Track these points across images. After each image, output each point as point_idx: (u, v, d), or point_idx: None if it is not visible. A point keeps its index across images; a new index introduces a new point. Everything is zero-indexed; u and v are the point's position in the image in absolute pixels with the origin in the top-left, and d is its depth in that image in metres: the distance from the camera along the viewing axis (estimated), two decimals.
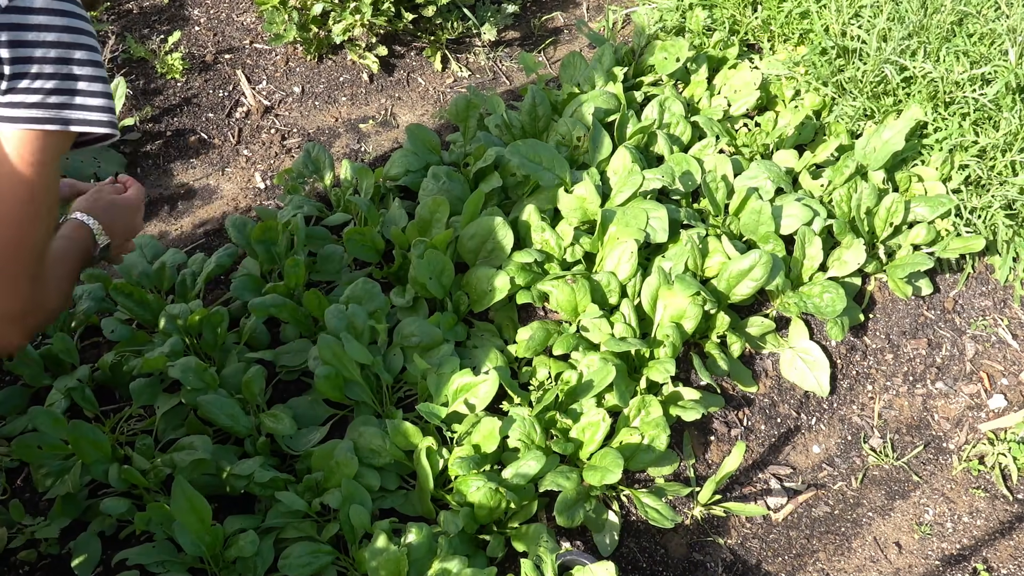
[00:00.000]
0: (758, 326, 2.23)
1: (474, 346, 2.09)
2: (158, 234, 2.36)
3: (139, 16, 2.89)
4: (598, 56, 2.67)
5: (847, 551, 2.01)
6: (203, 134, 2.61)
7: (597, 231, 2.18)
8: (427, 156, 2.40)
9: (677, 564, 1.92)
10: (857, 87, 2.55)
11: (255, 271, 2.16)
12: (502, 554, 1.78)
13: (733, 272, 2.12)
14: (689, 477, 2.06)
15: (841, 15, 2.61)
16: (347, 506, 1.70)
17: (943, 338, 2.40)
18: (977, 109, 2.43)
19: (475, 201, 2.17)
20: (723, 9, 2.86)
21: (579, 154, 2.41)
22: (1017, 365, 2.38)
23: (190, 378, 1.85)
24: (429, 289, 2.07)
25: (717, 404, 2.13)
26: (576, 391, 1.94)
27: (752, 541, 2.00)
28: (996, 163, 2.42)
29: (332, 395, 1.90)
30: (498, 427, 1.83)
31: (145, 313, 2.03)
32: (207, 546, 1.64)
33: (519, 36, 3.07)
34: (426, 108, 2.78)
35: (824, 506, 2.08)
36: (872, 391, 2.29)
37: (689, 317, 2.07)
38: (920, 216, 2.38)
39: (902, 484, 2.14)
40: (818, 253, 2.23)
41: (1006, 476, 2.17)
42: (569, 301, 2.07)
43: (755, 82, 2.65)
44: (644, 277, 2.15)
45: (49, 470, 1.78)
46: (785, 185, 2.41)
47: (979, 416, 2.28)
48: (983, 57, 2.46)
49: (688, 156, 2.40)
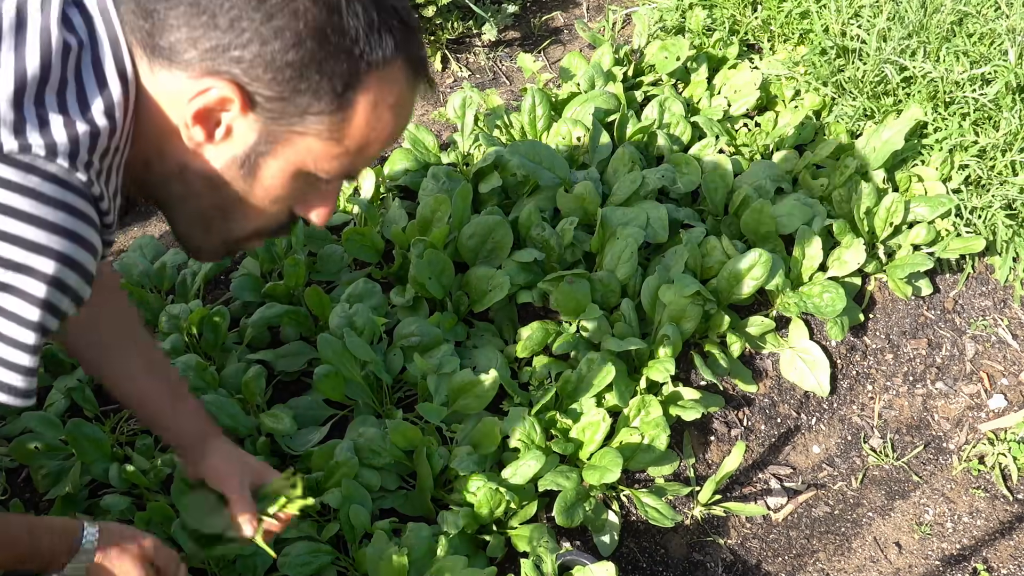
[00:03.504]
0: (758, 326, 2.23)
1: (474, 346, 2.09)
2: (158, 234, 2.36)
3: None
4: (598, 56, 2.67)
5: (847, 551, 2.01)
6: None
7: (597, 231, 2.18)
8: (427, 156, 2.40)
9: (677, 564, 1.92)
10: (857, 87, 2.55)
11: (255, 271, 2.16)
12: (502, 554, 1.78)
13: (733, 272, 2.12)
14: (689, 477, 2.06)
15: (841, 15, 2.61)
16: (347, 506, 1.70)
17: (943, 338, 2.40)
18: (977, 109, 2.43)
19: (463, 195, 2.16)
20: (723, 9, 2.86)
21: (579, 154, 2.41)
22: (1017, 365, 2.38)
23: (190, 377, 1.85)
24: (429, 289, 2.07)
25: (717, 404, 2.13)
26: (576, 391, 1.94)
27: (752, 541, 2.00)
28: (996, 163, 2.42)
29: (332, 395, 1.90)
30: (498, 427, 1.83)
31: (145, 313, 2.03)
32: None
33: (519, 36, 3.07)
34: (426, 108, 2.78)
35: (824, 506, 2.08)
36: (872, 391, 2.29)
37: (689, 317, 2.07)
38: (920, 216, 2.38)
39: (902, 484, 2.14)
40: (818, 253, 2.23)
41: (1006, 476, 2.17)
42: (569, 301, 2.07)
43: (755, 82, 2.65)
44: (644, 277, 2.15)
45: (49, 470, 1.78)
46: (785, 185, 2.41)
47: (979, 416, 2.28)
48: (983, 57, 2.46)
49: (688, 156, 2.41)
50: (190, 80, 0.92)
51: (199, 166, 0.99)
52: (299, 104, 0.93)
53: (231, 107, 0.93)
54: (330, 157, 0.99)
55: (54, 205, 0.87)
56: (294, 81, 0.92)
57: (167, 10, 0.90)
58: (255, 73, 0.91)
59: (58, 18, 0.90)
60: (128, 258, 2.13)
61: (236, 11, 0.89)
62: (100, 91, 0.91)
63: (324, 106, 0.94)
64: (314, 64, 0.91)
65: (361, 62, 0.93)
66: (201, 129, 0.95)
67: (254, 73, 0.91)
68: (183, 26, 0.90)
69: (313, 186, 1.04)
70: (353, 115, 0.95)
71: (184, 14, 0.90)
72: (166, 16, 0.90)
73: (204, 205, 1.04)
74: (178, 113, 0.95)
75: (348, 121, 0.96)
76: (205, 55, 0.91)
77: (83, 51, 0.91)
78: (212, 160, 0.99)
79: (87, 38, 0.92)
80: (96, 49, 0.92)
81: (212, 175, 1.00)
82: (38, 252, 0.87)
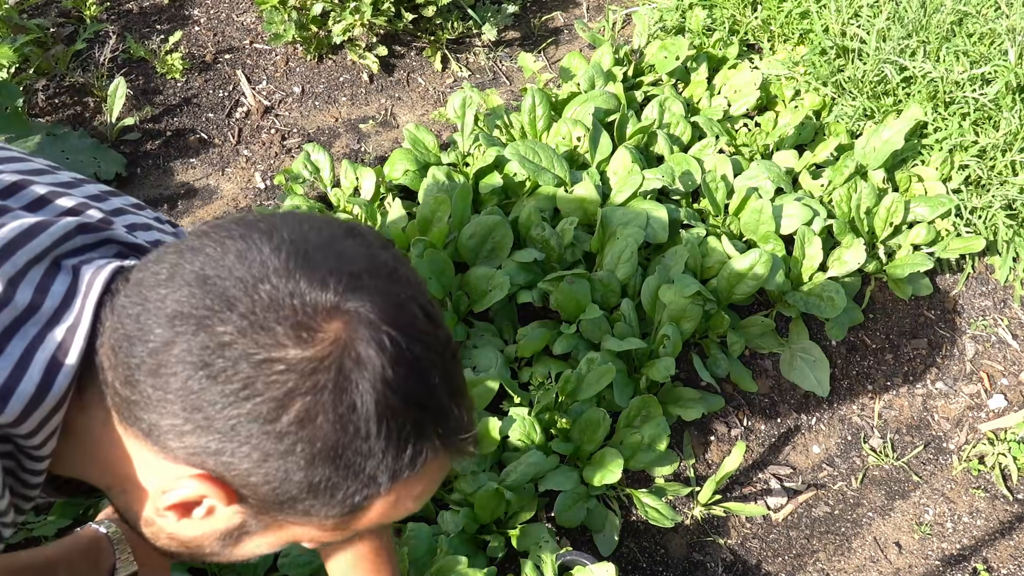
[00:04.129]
0: (758, 326, 2.23)
1: (474, 346, 2.09)
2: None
3: (139, 16, 2.89)
4: (598, 56, 2.67)
5: (847, 551, 2.01)
6: (203, 134, 2.61)
7: (597, 231, 2.18)
8: (427, 156, 2.40)
9: (677, 564, 1.92)
10: (857, 87, 2.55)
11: None
12: (502, 554, 1.78)
13: (733, 272, 2.12)
14: (689, 477, 2.06)
15: (841, 15, 2.61)
16: None
17: (943, 338, 2.40)
18: (977, 109, 2.43)
19: (463, 195, 2.16)
20: (723, 9, 2.86)
21: (579, 154, 2.41)
22: (1017, 365, 2.38)
23: None
24: (429, 289, 2.06)
25: (717, 404, 2.13)
26: (576, 391, 1.94)
27: (752, 541, 2.00)
28: (996, 163, 2.42)
29: None
30: (498, 427, 1.83)
31: None
32: None
33: (519, 36, 3.07)
34: (426, 108, 2.78)
35: (824, 506, 2.08)
36: (872, 391, 2.29)
37: (689, 317, 2.07)
38: (920, 216, 2.38)
39: (902, 484, 2.14)
40: (818, 253, 2.23)
41: (1006, 476, 2.17)
42: (569, 301, 2.07)
43: (755, 82, 2.65)
44: (644, 277, 2.15)
45: None
46: (785, 185, 2.41)
47: (979, 416, 2.28)
48: (983, 57, 2.46)
49: (688, 156, 2.40)
50: (168, 464, 0.78)
51: (173, 529, 0.86)
52: (299, 510, 0.79)
53: (214, 498, 0.78)
54: (331, 537, 0.86)
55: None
56: (298, 497, 0.77)
57: (154, 390, 0.75)
58: (249, 483, 0.76)
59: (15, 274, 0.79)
60: None
61: (237, 420, 0.73)
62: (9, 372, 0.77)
63: (334, 513, 0.79)
64: (328, 490, 0.76)
65: (383, 477, 0.77)
66: (176, 514, 0.80)
67: (248, 482, 0.76)
68: (169, 415, 0.75)
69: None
70: (367, 513, 0.81)
71: (173, 404, 0.74)
72: (151, 396, 0.75)
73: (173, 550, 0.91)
74: (149, 484, 0.82)
75: (360, 518, 0.82)
76: (192, 451, 0.76)
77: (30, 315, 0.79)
78: (186, 529, 0.85)
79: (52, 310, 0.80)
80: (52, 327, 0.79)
81: (187, 539, 0.87)
82: None
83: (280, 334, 0.72)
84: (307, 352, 0.72)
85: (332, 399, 0.72)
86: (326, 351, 0.73)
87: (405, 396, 0.74)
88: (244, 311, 0.73)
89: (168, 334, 0.74)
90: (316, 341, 0.73)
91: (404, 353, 0.75)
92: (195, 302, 0.73)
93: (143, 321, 0.75)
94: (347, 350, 0.73)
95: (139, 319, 0.76)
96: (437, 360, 0.77)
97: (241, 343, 0.72)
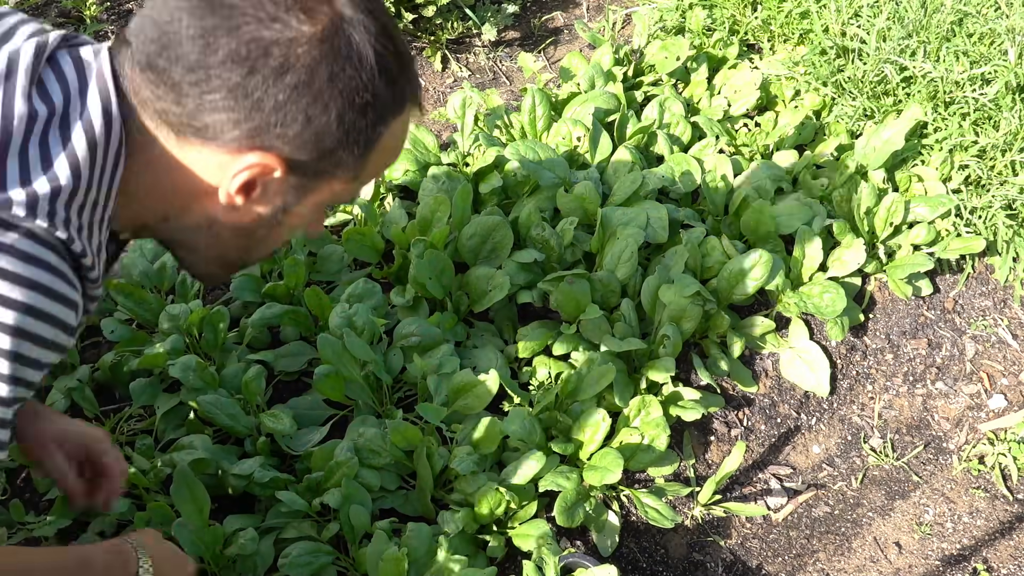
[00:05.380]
0: (758, 326, 2.23)
1: (474, 346, 2.09)
2: None
3: None
4: (598, 56, 2.67)
5: (847, 551, 2.01)
6: None
7: (597, 231, 2.18)
8: (427, 156, 2.40)
9: (677, 564, 1.92)
10: (857, 87, 2.55)
11: (255, 271, 2.16)
12: (502, 554, 1.78)
13: (733, 272, 2.12)
14: (689, 477, 2.06)
15: (841, 15, 2.61)
16: (347, 506, 1.70)
17: (943, 338, 2.40)
18: (977, 109, 2.43)
19: (463, 195, 2.16)
20: (723, 9, 2.86)
21: (579, 154, 2.41)
22: (1017, 365, 2.38)
23: (190, 377, 1.85)
24: (429, 289, 2.07)
25: (717, 404, 2.13)
26: (576, 391, 1.94)
27: (752, 541, 2.00)
28: (996, 163, 2.42)
29: (332, 395, 1.90)
30: (498, 427, 1.83)
31: (145, 313, 2.03)
32: (207, 545, 1.64)
33: (519, 36, 3.07)
34: (426, 108, 2.78)
35: (824, 506, 2.08)
36: (872, 391, 2.29)
37: (689, 317, 2.07)
38: (920, 216, 2.38)
39: (902, 484, 2.14)
40: (818, 253, 2.23)
41: (1006, 476, 2.17)
42: (569, 301, 2.07)
43: (755, 82, 2.65)
44: (644, 277, 2.15)
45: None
46: (785, 185, 2.41)
47: (979, 416, 2.28)
48: (983, 57, 2.46)
49: (688, 156, 2.40)
50: (230, 155, 0.97)
51: (231, 220, 1.06)
52: (334, 160, 1.01)
53: (273, 174, 0.99)
54: (347, 191, 1.08)
55: (27, 260, 0.88)
56: (335, 146, 0.99)
57: (202, 94, 0.92)
58: (299, 144, 0.96)
59: (24, 90, 0.91)
60: (128, 258, 2.13)
61: (283, 94, 0.92)
62: (65, 152, 0.92)
63: (355, 156, 1.02)
64: (354, 131, 0.98)
65: (388, 114, 1.01)
66: (242, 196, 1.01)
67: (298, 145, 0.96)
68: (223, 110, 0.93)
69: (321, 212, 1.14)
70: (373, 155, 1.04)
71: (225, 98, 0.92)
72: (201, 99, 0.92)
73: (228, 249, 1.11)
74: (213, 179, 1.00)
75: (368, 160, 1.04)
76: (249, 133, 0.95)
77: (52, 117, 0.92)
78: (245, 215, 1.05)
79: (62, 102, 0.93)
80: (68, 112, 0.93)
81: (243, 227, 1.07)
82: (2, 304, 0.87)
83: (290, 20, 0.91)
84: (316, 28, 0.92)
85: (346, 58, 0.93)
86: (329, 23, 0.93)
87: (395, 51, 0.98)
88: (252, 11, 0.90)
89: (199, 48, 0.90)
90: (318, 18, 0.92)
91: (382, 19, 0.98)
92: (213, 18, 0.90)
93: (171, 48, 0.91)
94: (344, 21, 0.94)
95: (166, 49, 0.92)
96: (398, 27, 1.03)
97: (266, 34, 0.90)
